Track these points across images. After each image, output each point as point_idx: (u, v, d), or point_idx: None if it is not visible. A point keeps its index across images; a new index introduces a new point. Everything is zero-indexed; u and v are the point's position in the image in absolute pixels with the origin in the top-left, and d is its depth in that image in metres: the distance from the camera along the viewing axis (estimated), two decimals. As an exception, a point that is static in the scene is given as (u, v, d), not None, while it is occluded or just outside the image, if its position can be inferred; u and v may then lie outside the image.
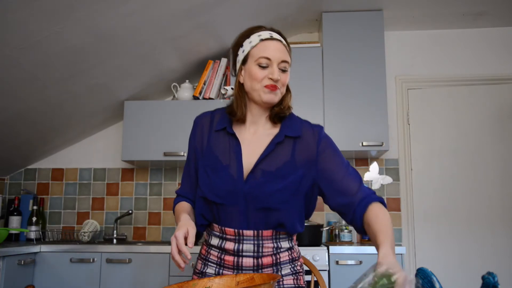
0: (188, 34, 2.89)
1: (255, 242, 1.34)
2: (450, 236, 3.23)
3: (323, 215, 3.36)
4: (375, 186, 3.20)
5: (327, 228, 3.08)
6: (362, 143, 3.02)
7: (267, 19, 3.10)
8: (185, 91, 3.27)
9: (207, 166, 1.37)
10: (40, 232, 3.28)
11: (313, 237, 2.86)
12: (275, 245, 1.37)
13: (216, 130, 1.40)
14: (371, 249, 2.73)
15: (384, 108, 3.05)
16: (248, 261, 1.35)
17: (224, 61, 3.26)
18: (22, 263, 2.64)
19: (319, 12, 3.21)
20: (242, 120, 1.38)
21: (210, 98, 3.20)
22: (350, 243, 3.00)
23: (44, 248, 2.84)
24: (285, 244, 1.41)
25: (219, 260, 1.38)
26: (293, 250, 1.44)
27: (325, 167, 1.35)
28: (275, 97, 1.33)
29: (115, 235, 3.30)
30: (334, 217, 3.32)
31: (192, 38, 2.96)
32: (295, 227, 1.37)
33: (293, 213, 1.35)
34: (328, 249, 2.73)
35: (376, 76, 3.08)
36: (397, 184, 3.34)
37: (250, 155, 1.35)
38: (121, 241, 3.30)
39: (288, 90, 1.40)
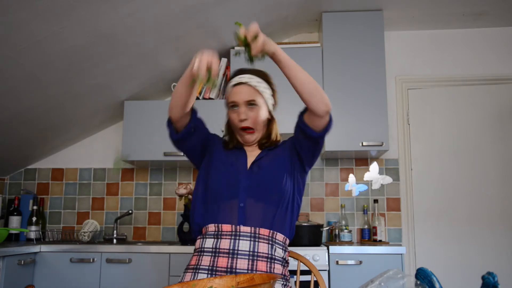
0: (188, 34, 2.89)
1: (252, 239, 1.37)
2: (450, 236, 3.23)
3: (323, 215, 3.36)
4: (375, 186, 3.21)
5: (327, 228, 3.08)
6: (362, 143, 3.02)
7: (267, 19, 3.10)
8: (185, 91, 3.27)
9: (211, 166, 1.52)
10: (40, 232, 3.28)
11: (313, 237, 2.86)
12: (270, 248, 1.40)
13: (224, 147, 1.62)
14: (371, 249, 2.73)
15: (384, 108, 3.05)
16: (243, 263, 1.35)
17: (224, 61, 3.26)
18: (22, 263, 2.64)
19: (319, 12, 3.21)
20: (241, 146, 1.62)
21: (210, 98, 3.20)
22: (350, 243, 3.00)
23: (44, 248, 2.84)
24: (279, 251, 1.44)
25: (211, 265, 1.38)
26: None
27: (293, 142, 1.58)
28: (251, 137, 1.54)
29: (115, 235, 3.30)
30: (334, 217, 3.32)
31: (192, 38, 2.96)
32: (285, 228, 1.47)
33: (284, 216, 1.44)
34: (328, 249, 2.73)
35: (376, 76, 3.08)
36: (397, 184, 3.34)
37: (251, 157, 1.56)
38: (121, 241, 3.30)
39: (272, 119, 1.60)
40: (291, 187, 1.50)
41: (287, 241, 1.50)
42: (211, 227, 1.42)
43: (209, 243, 1.41)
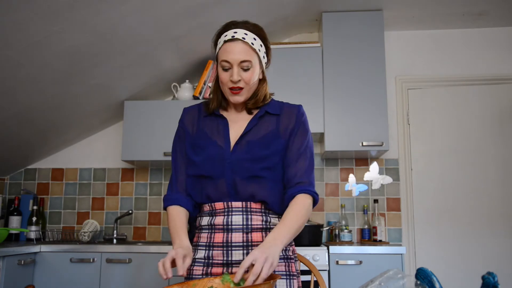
0: (188, 34, 2.89)
1: (244, 214, 1.38)
2: (450, 236, 3.23)
3: (323, 215, 3.36)
4: (375, 186, 3.21)
5: (327, 228, 3.08)
6: (362, 143, 3.02)
7: (267, 19, 3.10)
8: (185, 91, 3.27)
9: (196, 144, 1.45)
10: (40, 232, 3.28)
11: (313, 237, 2.86)
12: (264, 218, 1.40)
13: (204, 116, 1.50)
14: (371, 249, 2.73)
15: (384, 108, 3.05)
16: (237, 237, 1.36)
17: (224, 61, 3.26)
18: (22, 263, 2.64)
19: (319, 12, 3.21)
20: (226, 108, 1.49)
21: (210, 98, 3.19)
22: (350, 243, 3.00)
23: (44, 248, 2.84)
24: (274, 220, 1.43)
25: (208, 241, 1.39)
26: None
27: (289, 145, 1.44)
28: (240, 98, 1.41)
29: (115, 235, 3.30)
30: (334, 217, 3.32)
31: (192, 38, 2.96)
32: (280, 208, 1.42)
33: (276, 188, 1.41)
34: (328, 249, 2.73)
35: (376, 76, 3.08)
36: (397, 184, 3.34)
37: (236, 130, 1.45)
38: (121, 241, 3.30)
39: (263, 79, 1.48)
40: (281, 159, 1.43)
41: (281, 209, 1.44)
42: (206, 207, 1.43)
43: (205, 220, 1.42)
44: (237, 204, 1.38)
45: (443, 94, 3.40)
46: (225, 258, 1.36)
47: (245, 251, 1.35)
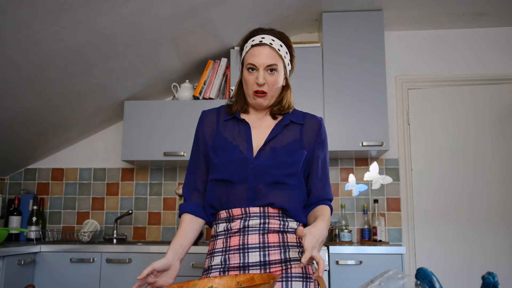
0: (188, 34, 2.89)
1: (261, 218, 1.38)
2: (450, 236, 3.23)
3: (323, 215, 3.35)
4: (375, 186, 3.21)
5: (327, 228, 3.08)
6: (362, 143, 3.02)
7: (267, 19, 3.10)
8: (185, 91, 3.27)
9: (217, 147, 1.45)
10: (40, 232, 3.28)
11: (313, 237, 2.86)
12: (282, 222, 1.40)
13: (225, 120, 1.50)
14: (371, 249, 2.73)
15: (384, 108, 3.05)
16: (253, 238, 1.36)
17: (224, 61, 3.26)
18: (22, 263, 2.64)
19: (319, 12, 3.21)
20: (247, 111, 1.50)
21: (210, 98, 3.20)
22: (350, 243, 3.00)
23: (44, 248, 2.84)
24: (292, 224, 1.42)
25: (224, 246, 1.39)
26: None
27: (313, 158, 1.49)
28: (263, 102, 1.44)
29: (115, 235, 3.30)
30: (334, 217, 3.32)
31: (192, 38, 2.96)
32: (299, 215, 1.43)
33: (295, 195, 1.42)
34: (328, 249, 2.73)
35: (376, 76, 3.08)
36: (397, 184, 3.34)
37: (259, 136, 1.46)
38: (121, 241, 3.30)
39: (287, 86, 1.50)
40: (303, 166, 1.46)
41: (300, 216, 1.46)
42: (223, 214, 1.43)
43: (221, 227, 1.42)
44: (254, 210, 1.38)
45: (443, 94, 3.40)
46: (241, 261, 1.35)
47: (261, 253, 1.35)
